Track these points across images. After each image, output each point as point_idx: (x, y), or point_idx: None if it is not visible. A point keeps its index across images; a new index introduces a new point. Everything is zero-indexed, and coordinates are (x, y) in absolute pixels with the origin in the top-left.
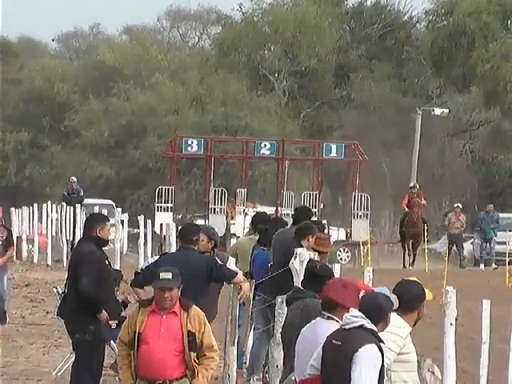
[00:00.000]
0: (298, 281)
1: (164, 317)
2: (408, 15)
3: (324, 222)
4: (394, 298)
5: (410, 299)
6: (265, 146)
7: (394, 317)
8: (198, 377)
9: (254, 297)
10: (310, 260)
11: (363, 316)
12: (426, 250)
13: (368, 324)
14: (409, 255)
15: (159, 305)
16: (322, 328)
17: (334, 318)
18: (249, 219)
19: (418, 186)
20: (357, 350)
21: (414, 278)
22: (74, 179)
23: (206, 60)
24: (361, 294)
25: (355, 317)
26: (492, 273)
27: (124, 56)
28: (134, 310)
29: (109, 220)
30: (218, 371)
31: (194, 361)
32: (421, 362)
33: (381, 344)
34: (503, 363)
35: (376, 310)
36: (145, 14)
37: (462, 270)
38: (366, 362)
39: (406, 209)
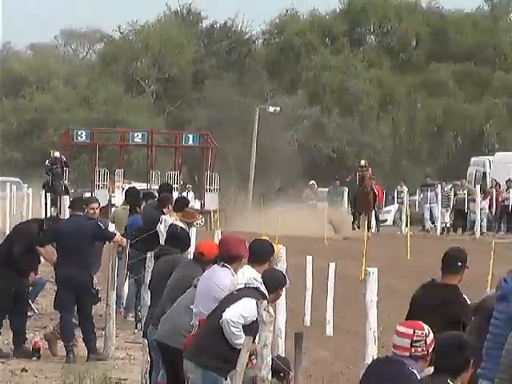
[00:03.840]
0: (163, 240)
1: None
2: (249, 34)
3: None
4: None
5: (262, 254)
6: (137, 136)
7: (249, 268)
8: None
9: (129, 253)
10: (172, 224)
11: (262, 282)
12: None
13: (264, 290)
14: (358, 225)
15: None
16: (219, 273)
17: (227, 266)
18: None
19: (366, 163)
20: (245, 296)
21: (266, 237)
22: (56, 154)
23: (92, 69)
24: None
25: (256, 280)
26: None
27: (29, 66)
28: None
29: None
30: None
31: None
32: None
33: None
34: (322, 304)
35: (273, 282)
36: (45, 33)
37: None
38: (245, 303)
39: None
